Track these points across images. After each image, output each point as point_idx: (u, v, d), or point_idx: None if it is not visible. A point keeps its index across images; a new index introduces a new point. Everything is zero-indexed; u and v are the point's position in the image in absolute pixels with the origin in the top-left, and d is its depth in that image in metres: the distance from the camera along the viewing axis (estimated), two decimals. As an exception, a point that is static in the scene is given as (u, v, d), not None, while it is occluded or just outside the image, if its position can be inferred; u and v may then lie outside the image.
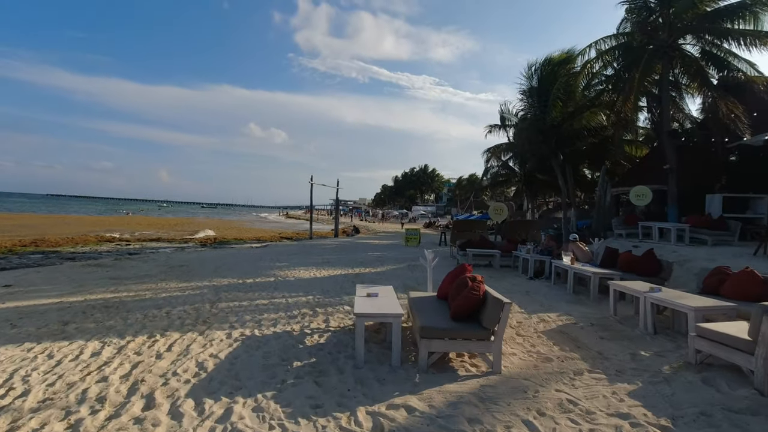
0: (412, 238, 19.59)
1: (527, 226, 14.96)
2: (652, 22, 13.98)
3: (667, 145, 13.94)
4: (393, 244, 20.63)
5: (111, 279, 9.18)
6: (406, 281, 9.36)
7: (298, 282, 9.12)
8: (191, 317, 5.84)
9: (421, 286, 8.70)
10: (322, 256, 14.56)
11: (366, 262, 12.70)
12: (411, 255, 15.14)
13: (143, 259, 12.49)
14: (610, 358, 4.43)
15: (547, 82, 17.00)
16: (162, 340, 4.78)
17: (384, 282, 9.17)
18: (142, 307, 6.44)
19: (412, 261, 13.27)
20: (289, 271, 10.77)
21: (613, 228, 14.51)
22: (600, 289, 7.28)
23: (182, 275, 9.77)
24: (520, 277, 10.12)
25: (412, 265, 12.23)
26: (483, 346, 3.98)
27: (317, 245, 19.48)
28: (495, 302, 4.03)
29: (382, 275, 10.25)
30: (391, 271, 11.01)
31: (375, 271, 11.10)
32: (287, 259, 13.56)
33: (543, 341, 4.97)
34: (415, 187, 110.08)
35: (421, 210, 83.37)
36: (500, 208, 14.93)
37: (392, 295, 5.18)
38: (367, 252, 16.36)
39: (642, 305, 5.37)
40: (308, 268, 11.38)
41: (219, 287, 8.25)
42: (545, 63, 17.18)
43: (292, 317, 5.97)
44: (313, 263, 12.42)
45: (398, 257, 14.33)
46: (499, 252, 11.18)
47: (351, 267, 11.68)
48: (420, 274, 10.58)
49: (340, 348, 4.58)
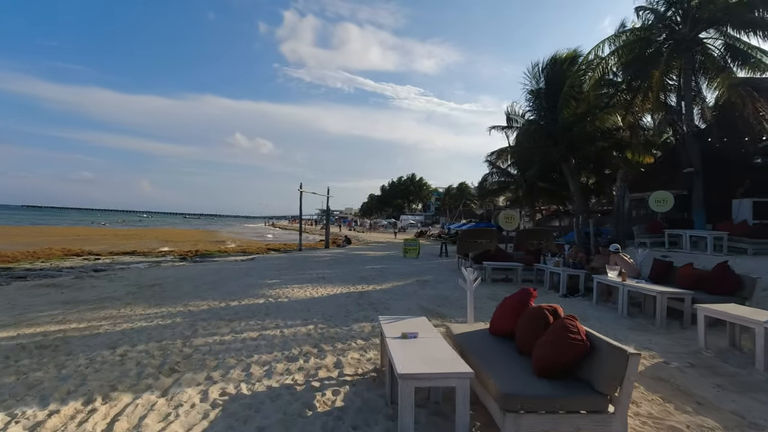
0: (411, 249, 18.20)
1: (540, 235, 13.73)
2: (671, 15, 13.05)
3: (691, 147, 12.91)
4: (390, 256, 19.20)
5: (64, 304, 7.53)
6: (422, 302, 7.93)
7: (293, 305, 7.61)
8: (154, 363, 4.30)
9: (443, 308, 7.29)
10: (316, 270, 13.03)
11: (368, 278, 11.23)
12: (415, 268, 13.73)
13: (110, 277, 10.78)
14: (758, 422, 3.08)
15: (555, 81, 15.94)
16: (103, 408, 3.24)
17: (396, 303, 7.73)
18: (90, 346, 4.87)
19: (418, 275, 11.87)
20: (282, 289, 9.24)
21: (635, 236, 13.37)
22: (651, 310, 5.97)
23: (153, 297, 8.16)
24: (549, 294, 8.79)
25: (421, 281, 10.81)
26: (598, 424, 2.58)
27: (309, 258, 17.93)
28: (612, 352, 2.65)
29: (391, 294, 8.80)
30: (399, 289, 9.57)
31: (380, 288, 9.64)
32: (278, 274, 12.00)
33: (645, 395, 3.60)
34: (403, 196, 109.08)
35: (410, 219, 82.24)
36: (511, 216, 13.68)
37: (434, 333, 3.76)
38: (365, 265, 14.89)
39: (762, 339, 4.06)
40: (303, 285, 9.87)
41: (196, 314, 6.69)
42: (552, 62, 16.13)
43: (291, 359, 4.49)
44: (308, 279, 10.90)
45: (402, 271, 12.90)
46: (522, 265, 9.85)
47: (352, 284, 10.21)
48: (432, 291, 9.18)
49: (367, 417, 3.13)
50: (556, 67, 15.96)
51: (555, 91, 15.65)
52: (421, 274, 12.07)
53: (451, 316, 6.69)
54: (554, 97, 15.69)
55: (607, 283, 7.20)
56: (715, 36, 12.87)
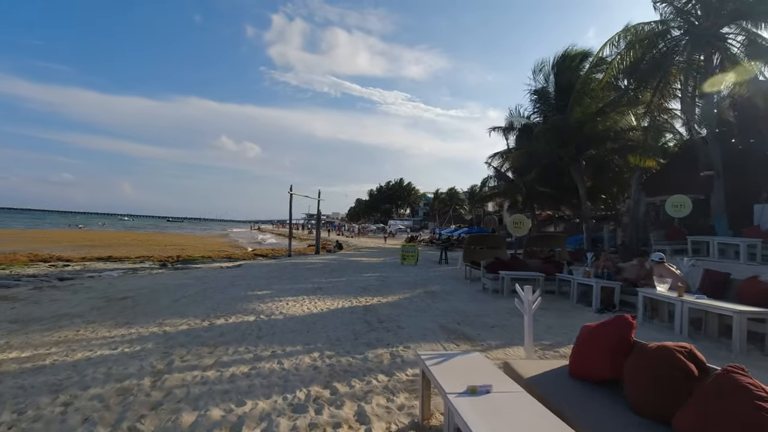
0: (410, 255, 17.13)
1: (552, 241, 12.81)
2: (691, 9, 12.34)
3: (712, 149, 12.17)
4: (387, 263, 18.10)
5: (11, 323, 6.23)
6: (438, 318, 6.85)
7: (290, 323, 6.45)
8: (108, 419, 3.12)
9: (465, 327, 6.21)
10: (310, 279, 11.85)
11: (369, 289, 10.11)
12: (417, 277, 12.65)
13: (75, 288, 9.43)
14: None
15: (566, 79, 15.15)
16: None
17: (409, 320, 6.63)
18: (26, 388, 3.66)
19: (423, 285, 10.79)
20: (274, 302, 8.06)
21: (653, 243, 12.54)
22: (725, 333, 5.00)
23: (122, 314, 6.91)
24: (579, 308, 7.80)
25: (429, 292, 9.74)
26: None
27: (300, 265, 16.71)
28: None
29: (400, 309, 7.69)
30: (407, 302, 8.46)
31: (386, 301, 8.53)
32: (268, 284, 10.80)
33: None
34: (391, 201, 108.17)
35: (398, 224, 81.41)
36: (521, 220, 12.74)
37: (510, 383, 2.67)
38: (362, 273, 13.75)
39: None
40: (298, 298, 8.70)
41: (173, 337, 5.49)
42: (562, 59, 15.34)
43: (297, 408, 3.36)
44: (303, 291, 9.74)
45: (405, 281, 11.80)
46: (543, 275, 8.86)
47: (353, 295, 9.08)
48: (444, 305, 8.10)
49: None
50: (566, 64, 15.17)
51: (565, 89, 14.85)
52: (426, 284, 11.00)
53: (480, 339, 5.62)
54: (564, 95, 14.89)
55: (657, 298, 6.23)
56: (736, 31, 12.20)
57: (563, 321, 6.65)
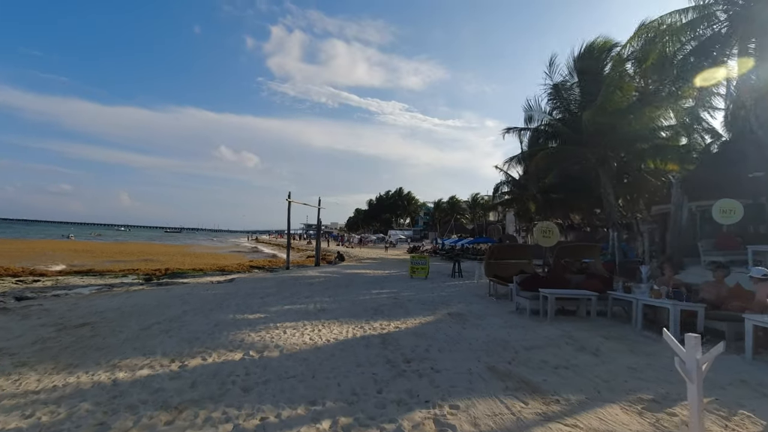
0: (420, 268, 15.57)
1: (584, 251, 11.28)
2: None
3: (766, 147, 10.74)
4: (393, 276, 16.52)
5: None
6: (481, 354, 5.28)
7: (288, 363, 4.88)
8: None
9: (523, 369, 4.63)
10: (311, 297, 10.28)
11: (381, 310, 8.53)
12: (434, 294, 11.08)
13: (27, 312, 7.81)
14: None
15: (591, 72, 13.78)
16: None
17: (444, 358, 5.06)
18: None
19: (444, 305, 9.23)
20: (269, 330, 6.50)
21: (701, 253, 11.05)
22: None
23: (69, 350, 5.33)
24: (650, 337, 6.23)
25: (454, 314, 8.17)
26: None
27: (300, 279, 15.11)
28: None
29: (428, 339, 6.12)
30: (433, 328, 6.89)
31: (406, 327, 6.96)
32: (262, 304, 9.22)
33: None
34: (391, 210, 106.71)
35: (399, 234, 79.88)
36: (549, 229, 11.22)
37: None
38: (369, 289, 12.17)
39: None
40: (298, 323, 7.13)
41: (122, 393, 3.91)
42: (589, 50, 13.97)
43: None
44: (303, 312, 8.17)
45: (421, 298, 10.23)
46: (595, 294, 7.31)
47: (364, 319, 7.51)
48: (480, 332, 6.54)
49: None
50: (594, 56, 13.81)
51: (592, 83, 13.48)
52: (447, 303, 9.44)
53: (551, 389, 4.05)
54: (591, 89, 13.50)
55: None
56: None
57: (645, 359, 5.09)
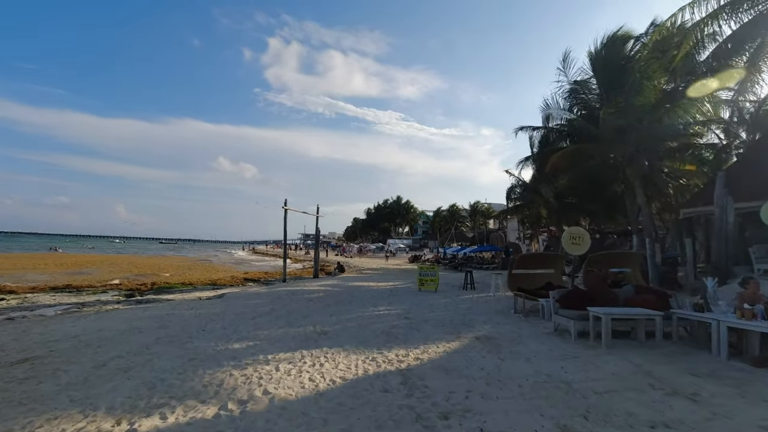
0: (429, 280, 14.21)
1: (620, 260, 9.97)
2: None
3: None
4: (400, 288, 15.13)
5: None
6: (552, 410, 3.91)
7: (280, 421, 3.52)
8: None
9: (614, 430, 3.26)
10: (311, 317, 8.89)
11: (394, 333, 7.15)
12: (452, 311, 9.68)
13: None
14: None
15: (613, 66, 12.62)
16: None
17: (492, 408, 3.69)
18: None
19: (466, 326, 7.85)
20: (257, 366, 5.13)
21: (754, 261, 9.76)
22: None
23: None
24: (745, 370, 4.88)
25: (483, 338, 6.80)
26: None
27: (297, 294, 13.71)
28: None
29: (465, 379, 4.74)
30: (465, 360, 5.52)
31: (429, 358, 5.59)
32: (253, 327, 7.82)
33: None
34: (389, 219, 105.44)
35: (398, 243, 78.46)
36: (579, 235, 9.92)
37: None
38: (375, 305, 10.78)
39: None
40: (294, 354, 5.76)
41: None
42: (612, 41, 12.81)
43: None
44: (302, 338, 6.79)
45: (436, 317, 8.85)
46: (661, 314, 5.97)
47: (375, 346, 6.14)
48: (527, 366, 5.20)
49: None
50: (617, 48, 12.66)
51: (617, 77, 12.29)
52: (470, 324, 8.06)
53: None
54: (615, 83, 12.32)
55: None
56: None
57: (761, 409, 3.74)
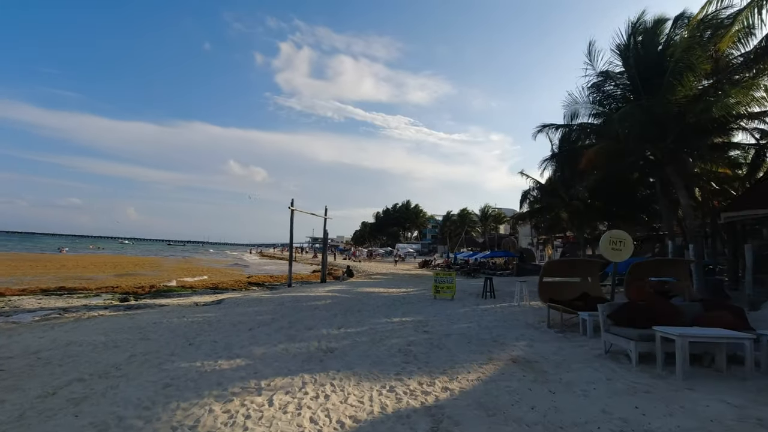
0: (446, 287, 13.07)
1: (667, 268, 8.76)
2: None
3: None
4: (412, 295, 14.01)
5: None
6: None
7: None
8: None
9: None
10: (316, 329, 7.81)
11: (414, 352, 6.04)
12: (474, 323, 8.52)
13: None
14: None
15: (651, 52, 11.44)
16: None
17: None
18: None
19: (497, 343, 6.71)
20: (245, 399, 4.06)
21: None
22: None
23: None
24: None
25: (523, 363, 5.66)
26: None
27: (302, 301, 12.65)
28: None
29: (513, 425, 3.63)
30: (507, 394, 4.39)
31: (461, 389, 4.48)
32: (249, 340, 6.76)
33: None
34: (398, 223, 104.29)
35: (407, 248, 77.22)
36: (620, 239, 8.69)
37: None
38: (388, 314, 9.68)
39: None
40: (294, 379, 4.68)
41: None
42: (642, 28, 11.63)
43: None
44: (304, 357, 5.71)
45: (458, 330, 7.71)
46: (752, 336, 4.78)
47: (392, 370, 5.04)
48: (586, 402, 4.06)
49: None
50: (654, 31, 11.48)
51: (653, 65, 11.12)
52: (500, 340, 6.91)
53: None
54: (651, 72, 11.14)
55: None
56: None
57: None
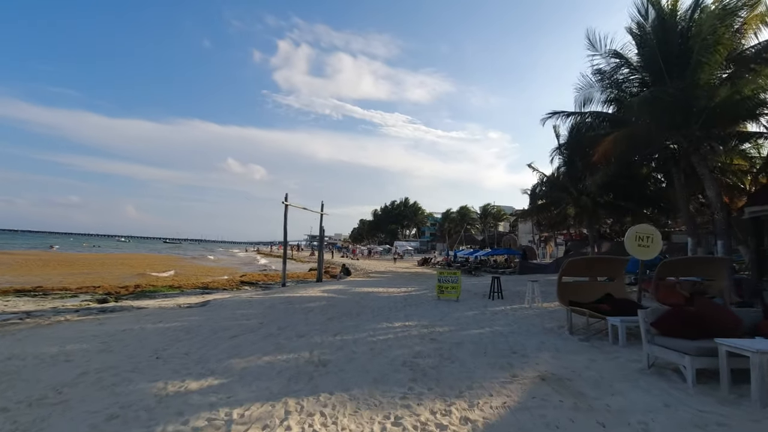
0: (450, 287, 12.14)
1: (699, 267, 7.87)
2: None
3: None
4: (414, 296, 13.09)
5: None
6: None
7: None
8: None
9: None
10: (308, 336, 6.87)
11: (421, 366, 5.11)
12: (487, 329, 7.59)
13: None
14: None
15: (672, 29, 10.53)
16: None
17: None
18: None
19: (517, 355, 5.79)
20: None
21: None
22: None
23: None
24: None
25: (552, 379, 4.74)
26: None
27: (295, 302, 11.72)
28: None
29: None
30: (538, 417, 3.46)
31: (484, 420, 3.54)
32: (227, 354, 5.82)
33: None
34: (396, 221, 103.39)
35: (406, 245, 76.41)
36: (648, 235, 7.76)
37: None
38: (390, 318, 8.74)
39: None
40: (275, 406, 3.74)
41: None
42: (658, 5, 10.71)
43: None
44: (291, 372, 4.76)
45: (469, 338, 6.78)
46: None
47: (398, 392, 4.12)
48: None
49: None
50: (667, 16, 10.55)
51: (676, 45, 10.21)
52: (521, 351, 5.98)
53: None
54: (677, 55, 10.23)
55: None
56: None
57: None
